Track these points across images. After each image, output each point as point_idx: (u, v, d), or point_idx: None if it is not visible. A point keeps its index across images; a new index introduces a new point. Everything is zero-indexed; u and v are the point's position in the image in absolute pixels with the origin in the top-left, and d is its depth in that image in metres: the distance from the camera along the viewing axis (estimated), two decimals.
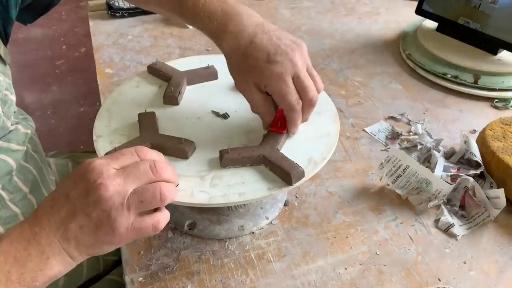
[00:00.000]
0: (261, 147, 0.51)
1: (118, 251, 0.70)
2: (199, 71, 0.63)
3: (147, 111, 0.56)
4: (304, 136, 0.54)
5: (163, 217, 0.43)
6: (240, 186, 0.48)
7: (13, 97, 0.58)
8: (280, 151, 0.51)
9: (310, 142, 0.53)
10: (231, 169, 0.50)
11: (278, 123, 0.53)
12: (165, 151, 0.49)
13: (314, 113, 0.54)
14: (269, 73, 0.49)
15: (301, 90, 0.50)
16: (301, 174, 0.48)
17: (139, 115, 0.55)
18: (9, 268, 0.38)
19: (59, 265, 0.40)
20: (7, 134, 0.57)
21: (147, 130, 0.53)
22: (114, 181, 0.40)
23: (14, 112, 0.60)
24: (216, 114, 0.58)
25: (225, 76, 0.59)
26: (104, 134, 0.54)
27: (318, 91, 0.52)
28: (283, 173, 0.48)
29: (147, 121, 0.54)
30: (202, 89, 0.62)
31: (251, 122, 0.56)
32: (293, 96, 0.50)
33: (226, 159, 0.49)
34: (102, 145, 0.52)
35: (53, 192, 0.43)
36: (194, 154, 0.52)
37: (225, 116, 0.57)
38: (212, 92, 0.62)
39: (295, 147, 0.52)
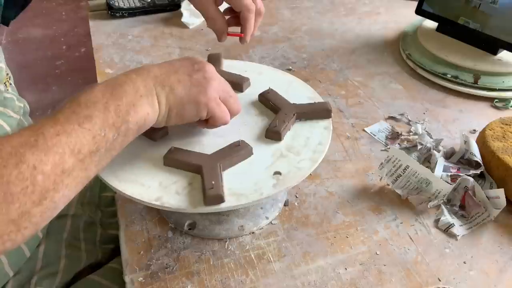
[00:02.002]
0: (204, 157, 0.50)
1: (114, 239, 0.71)
2: None
3: None
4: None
5: (228, 116, 0.51)
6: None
7: (2, 65, 0.61)
8: (221, 168, 0.49)
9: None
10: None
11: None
12: None
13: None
14: None
15: None
16: (219, 199, 0.46)
17: None
18: (106, 100, 0.42)
19: (148, 106, 0.44)
20: (2, 99, 0.59)
21: None
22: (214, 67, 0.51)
23: (10, 84, 0.62)
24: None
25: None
26: None
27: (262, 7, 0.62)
28: (204, 192, 0.46)
29: None
30: None
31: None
32: None
33: (167, 159, 0.50)
34: None
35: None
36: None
37: None
38: None
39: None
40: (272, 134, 0.54)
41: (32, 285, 0.61)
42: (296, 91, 0.62)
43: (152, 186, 0.48)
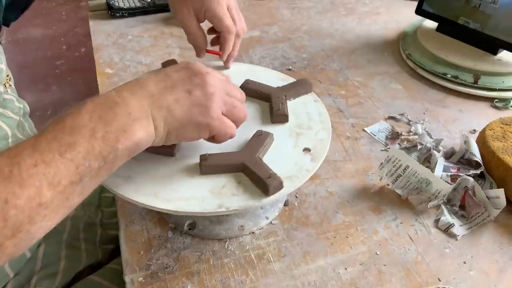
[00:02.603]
0: (240, 154, 0.50)
1: (114, 240, 0.71)
2: None
3: None
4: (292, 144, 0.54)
5: (234, 129, 0.48)
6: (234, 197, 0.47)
7: (2, 66, 0.60)
8: (261, 159, 0.50)
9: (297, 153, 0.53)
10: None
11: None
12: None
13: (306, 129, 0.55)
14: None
15: (232, 20, 0.60)
16: (280, 185, 0.47)
17: None
18: (93, 125, 0.38)
19: (142, 131, 0.40)
20: (1, 100, 0.59)
21: None
22: (218, 76, 0.47)
23: (10, 85, 0.62)
24: None
25: None
26: None
27: (244, 29, 0.63)
28: (261, 182, 0.47)
29: None
30: None
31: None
32: (230, 19, 0.60)
33: (205, 167, 0.49)
34: None
35: (147, 73, 0.45)
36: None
37: None
38: None
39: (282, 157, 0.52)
40: (279, 118, 0.56)
41: (32, 286, 0.61)
42: (265, 77, 0.63)
43: (205, 197, 0.47)
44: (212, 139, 0.48)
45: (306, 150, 0.52)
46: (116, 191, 0.47)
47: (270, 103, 0.58)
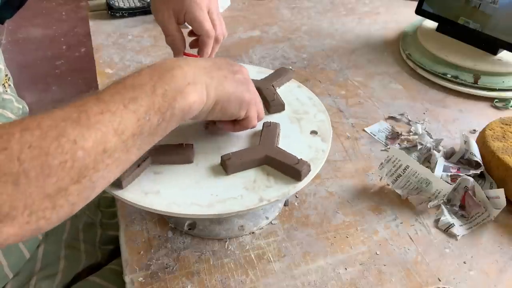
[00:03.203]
0: (261, 147, 0.51)
1: (114, 240, 0.71)
2: None
3: None
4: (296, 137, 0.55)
5: (256, 120, 0.51)
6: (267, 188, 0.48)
7: (1, 66, 0.61)
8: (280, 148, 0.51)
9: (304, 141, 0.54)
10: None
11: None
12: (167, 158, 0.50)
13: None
14: (189, 1, 0.58)
15: (212, 24, 0.60)
16: (308, 168, 0.49)
17: None
18: (154, 83, 0.40)
19: (196, 94, 0.42)
20: (0, 101, 0.59)
21: None
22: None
23: (9, 85, 0.62)
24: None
25: None
26: None
27: (224, 34, 0.63)
28: (290, 169, 0.48)
29: None
30: None
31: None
32: (210, 23, 0.60)
33: (231, 166, 0.49)
34: None
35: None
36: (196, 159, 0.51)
37: None
38: None
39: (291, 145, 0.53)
40: (277, 107, 0.58)
41: (31, 286, 0.61)
42: None
43: (242, 194, 0.47)
44: (239, 124, 0.50)
45: (313, 132, 0.55)
46: (157, 209, 0.46)
47: (262, 95, 0.59)
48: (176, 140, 0.51)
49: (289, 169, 0.48)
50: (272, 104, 0.58)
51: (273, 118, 0.57)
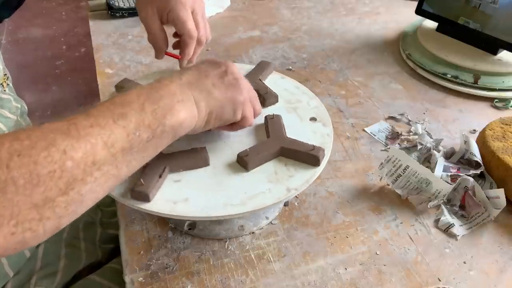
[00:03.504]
0: (273, 140, 0.52)
1: (114, 239, 0.71)
2: None
3: None
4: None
5: (253, 117, 0.52)
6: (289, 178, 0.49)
7: (0, 66, 0.61)
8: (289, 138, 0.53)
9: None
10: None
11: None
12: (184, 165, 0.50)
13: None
14: (174, 0, 0.58)
15: (196, 25, 0.60)
16: (323, 152, 0.50)
17: None
18: (142, 102, 0.40)
19: (186, 111, 0.43)
20: None
21: None
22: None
23: (7, 84, 0.62)
24: None
25: None
26: None
27: (207, 37, 0.63)
28: (307, 156, 0.49)
29: None
30: None
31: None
32: (193, 24, 0.59)
33: (251, 162, 0.49)
34: None
35: (176, 71, 0.48)
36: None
37: None
38: None
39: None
40: (272, 100, 0.59)
41: (31, 285, 0.61)
42: None
43: (270, 188, 0.48)
44: (236, 125, 0.51)
45: (313, 119, 0.56)
46: (193, 216, 0.46)
47: (255, 89, 0.59)
48: (181, 146, 0.51)
49: (306, 156, 0.50)
50: (266, 97, 0.59)
51: (269, 110, 0.57)
